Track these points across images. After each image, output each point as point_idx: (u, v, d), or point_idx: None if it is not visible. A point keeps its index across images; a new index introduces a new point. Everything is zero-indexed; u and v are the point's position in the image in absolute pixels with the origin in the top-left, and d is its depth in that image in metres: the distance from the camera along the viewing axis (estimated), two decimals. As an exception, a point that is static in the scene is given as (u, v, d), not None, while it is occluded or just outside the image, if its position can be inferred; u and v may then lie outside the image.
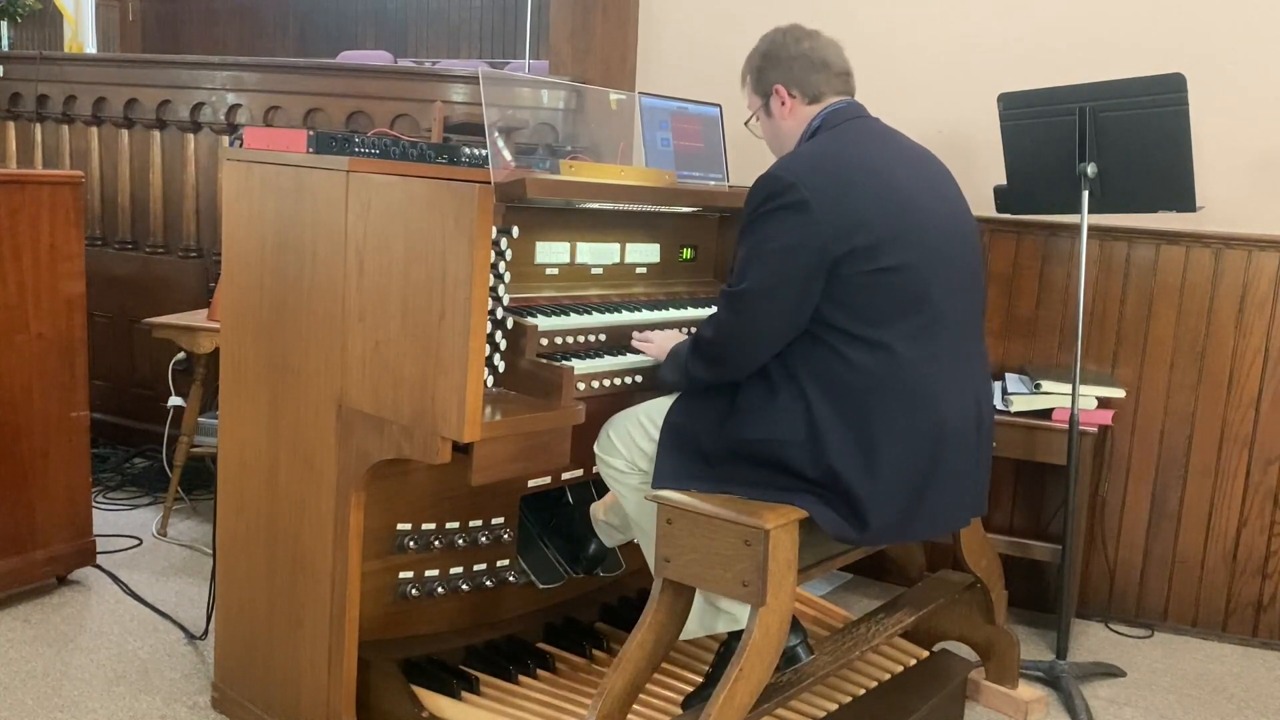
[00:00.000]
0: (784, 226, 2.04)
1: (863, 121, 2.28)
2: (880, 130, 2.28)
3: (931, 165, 2.29)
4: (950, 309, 2.15)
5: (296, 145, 2.26)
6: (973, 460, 2.21)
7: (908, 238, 2.08)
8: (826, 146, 2.21)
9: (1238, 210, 3.16)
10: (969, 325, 2.25)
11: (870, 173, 2.12)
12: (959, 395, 2.16)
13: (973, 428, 2.20)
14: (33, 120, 4.46)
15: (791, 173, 2.07)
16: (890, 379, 2.04)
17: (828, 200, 2.03)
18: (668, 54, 3.88)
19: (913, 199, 2.13)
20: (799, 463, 2.03)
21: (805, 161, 2.14)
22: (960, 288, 2.19)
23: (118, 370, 4.41)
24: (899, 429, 2.04)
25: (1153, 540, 3.36)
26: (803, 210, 2.02)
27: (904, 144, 2.28)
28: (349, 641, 2.20)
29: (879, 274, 2.04)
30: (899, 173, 2.16)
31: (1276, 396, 3.20)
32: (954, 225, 2.22)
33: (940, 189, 2.25)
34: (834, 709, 2.38)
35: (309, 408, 2.23)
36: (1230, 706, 2.91)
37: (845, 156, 2.15)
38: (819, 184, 2.05)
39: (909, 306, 2.08)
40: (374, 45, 9.51)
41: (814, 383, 2.05)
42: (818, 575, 2.19)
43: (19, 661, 2.70)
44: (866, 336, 2.04)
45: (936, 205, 2.19)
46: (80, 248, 3.01)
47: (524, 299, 2.37)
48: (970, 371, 2.23)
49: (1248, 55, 3.12)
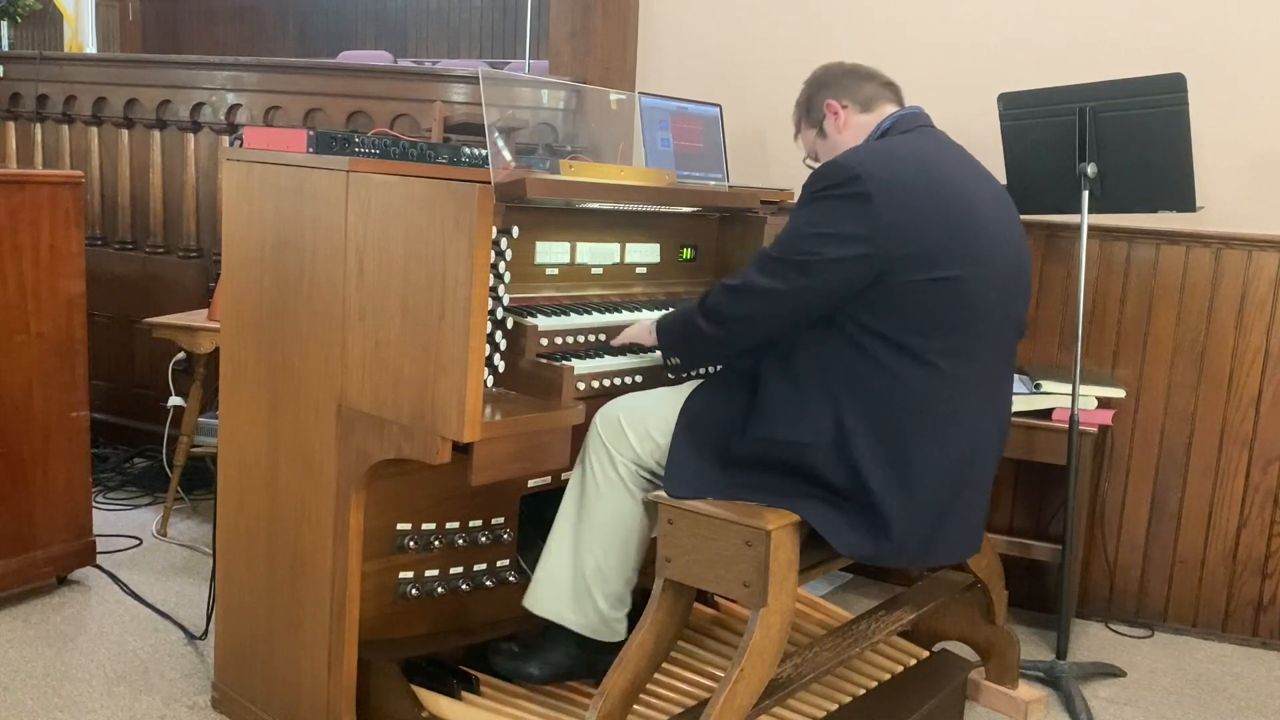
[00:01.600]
0: (841, 214, 1.98)
1: (931, 130, 2.23)
2: (947, 141, 2.22)
3: (995, 185, 2.22)
4: (993, 330, 2.10)
5: (296, 145, 2.26)
6: (983, 488, 2.19)
7: (966, 250, 2.02)
8: (895, 145, 2.15)
9: (1238, 210, 3.16)
10: (1008, 347, 2.20)
11: (936, 178, 2.05)
12: (989, 420, 2.12)
13: (990, 455, 2.17)
14: (33, 120, 4.46)
15: (859, 163, 2.00)
16: (927, 395, 2.00)
17: (891, 198, 1.97)
18: (668, 54, 3.88)
19: (977, 211, 2.07)
20: (824, 468, 1.99)
21: (872, 155, 2.07)
22: (1005, 310, 2.14)
23: (118, 370, 4.41)
24: (934, 451, 2.00)
25: (1153, 540, 3.36)
26: (864, 202, 1.96)
27: (969, 159, 2.22)
28: (349, 641, 2.21)
29: (932, 284, 1.98)
30: (967, 183, 2.10)
31: (1276, 396, 3.20)
32: (1011, 248, 2.15)
33: (1003, 206, 2.19)
34: (834, 709, 2.38)
35: (309, 408, 2.23)
36: (1230, 706, 2.91)
37: (913, 158, 2.08)
38: (884, 179, 1.98)
39: (956, 322, 2.02)
40: (374, 45, 9.51)
41: (847, 390, 2.00)
42: (818, 575, 2.19)
43: (19, 661, 2.70)
44: (907, 346, 1.98)
45: (997, 222, 2.12)
46: (80, 248, 3.01)
47: (524, 299, 2.37)
48: (1001, 395, 2.19)
49: (1248, 55, 3.12)
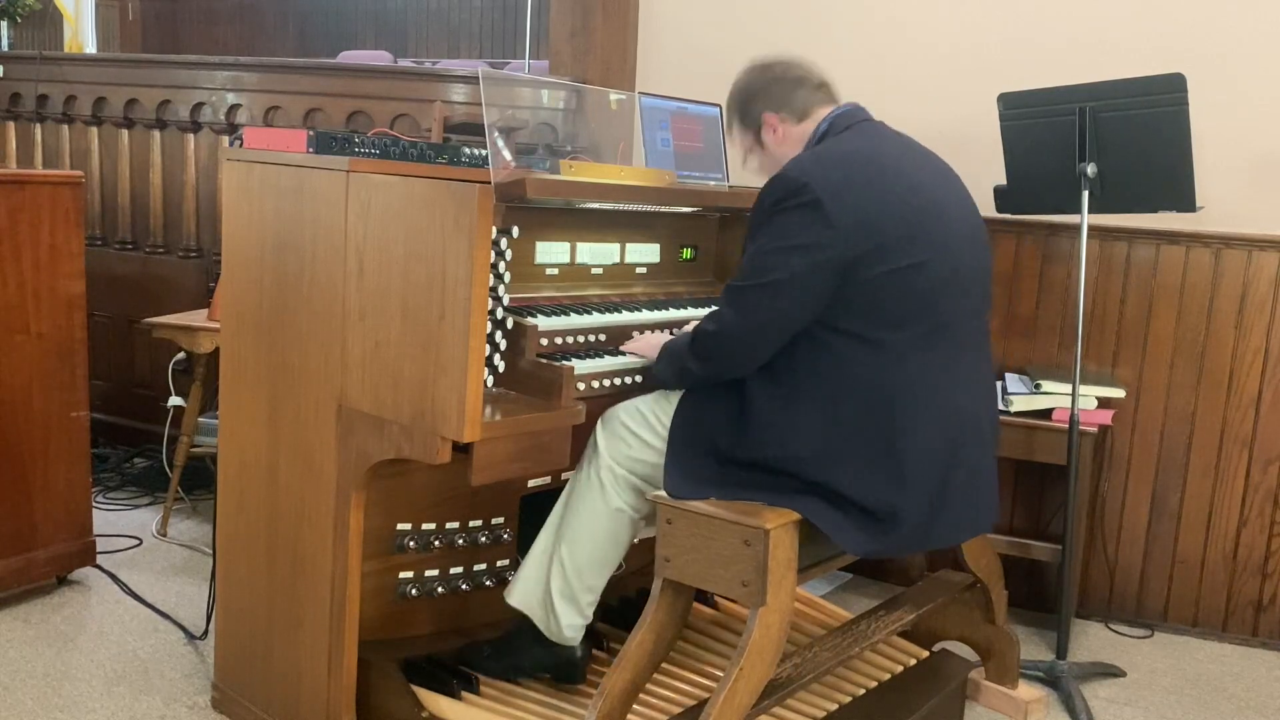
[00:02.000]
0: (796, 226, 2.00)
1: (870, 124, 2.26)
2: (888, 132, 2.26)
3: (941, 166, 2.26)
4: (960, 312, 2.12)
5: (296, 145, 2.26)
6: (980, 467, 2.19)
7: (923, 237, 2.05)
8: (836, 147, 2.18)
9: (1238, 210, 3.16)
10: (978, 329, 2.22)
11: (882, 171, 2.09)
12: (971, 398, 2.14)
13: (979, 434, 2.17)
14: (33, 120, 4.46)
15: (804, 173, 2.03)
16: (908, 388, 2.01)
17: (841, 200, 2.00)
18: (668, 54, 3.87)
19: (927, 197, 2.10)
20: (817, 474, 2.00)
21: (816, 161, 2.10)
22: (969, 293, 2.16)
23: (118, 370, 4.41)
24: (918, 439, 2.01)
25: (1153, 540, 3.36)
26: (816, 209, 1.99)
27: (912, 145, 2.26)
28: (349, 641, 2.20)
29: (894, 274, 2.01)
30: (914, 172, 2.14)
31: (1276, 396, 3.20)
32: (966, 226, 2.19)
33: (953, 189, 2.22)
34: (834, 708, 2.38)
35: (309, 408, 2.23)
36: (1230, 706, 2.91)
37: (856, 156, 2.11)
38: (831, 183, 2.01)
39: (922, 308, 2.04)
40: (374, 45, 9.51)
41: (831, 394, 2.01)
42: (817, 575, 2.19)
43: (19, 661, 2.70)
44: (882, 341, 2.01)
45: (950, 205, 2.16)
46: (80, 248, 3.01)
47: (524, 299, 2.37)
48: (978, 376, 2.20)
49: (1248, 55, 3.12)
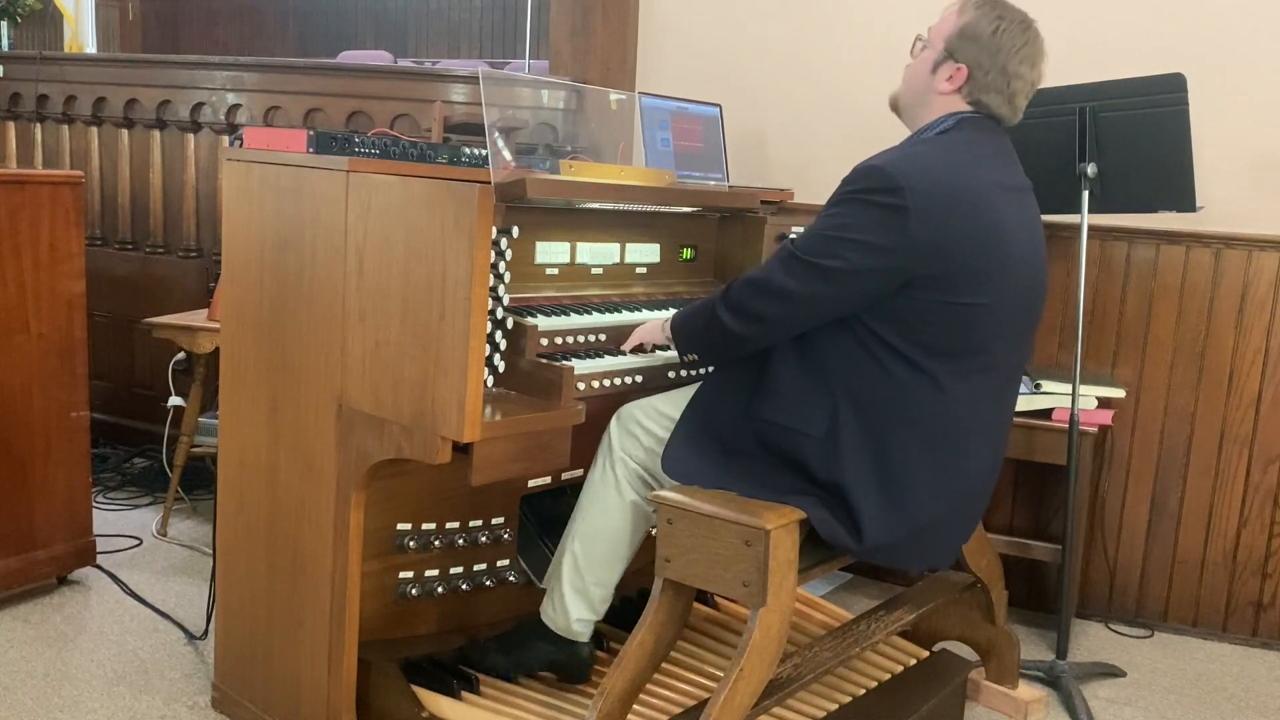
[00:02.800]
0: (875, 222, 1.94)
1: (989, 135, 2.14)
2: (1001, 150, 2.15)
3: (1030, 201, 2.18)
4: (1006, 356, 2.09)
5: (296, 145, 2.26)
6: (976, 514, 2.19)
7: (991, 278, 2.00)
8: (944, 159, 2.06)
9: (1238, 210, 3.16)
10: (1016, 372, 2.19)
11: (977, 199, 2.00)
12: (988, 442, 2.12)
13: (990, 474, 2.17)
14: (33, 120, 4.46)
15: (902, 175, 1.95)
16: (927, 409, 1.99)
17: (927, 215, 1.93)
18: (668, 54, 3.87)
19: (1009, 240, 2.04)
20: (813, 460, 2.00)
21: (918, 166, 2.00)
22: (1022, 335, 2.14)
23: (118, 370, 4.41)
24: (924, 462, 2.00)
25: (1153, 540, 3.36)
26: (899, 215, 1.93)
27: (1015, 172, 2.17)
28: (349, 641, 2.20)
29: (954, 307, 1.97)
30: (1005, 210, 2.06)
31: (1276, 396, 3.20)
32: (1033, 271, 2.13)
33: (1032, 230, 2.15)
34: (834, 708, 2.38)
35: (309, 408, 2.23)
36: (1230, 706, 2.91)
37: (959, 179, 2.01)
38: (924, 195, 1.93)
39: (971, 347, 2.01)
40: (374, 45, 9.51)
41: (845, 388, 2.00)
42: (818, 575, 2.19)
43: (19, 661, 2.70)
44: (917, 361, 1.98)
45: (1025, 248, 2.09)
46: (80, 248, 3.01)
47: (524, 299, 2.37)
48: (1005, 415, 2.18)
49: (1248, 55, 3.12)
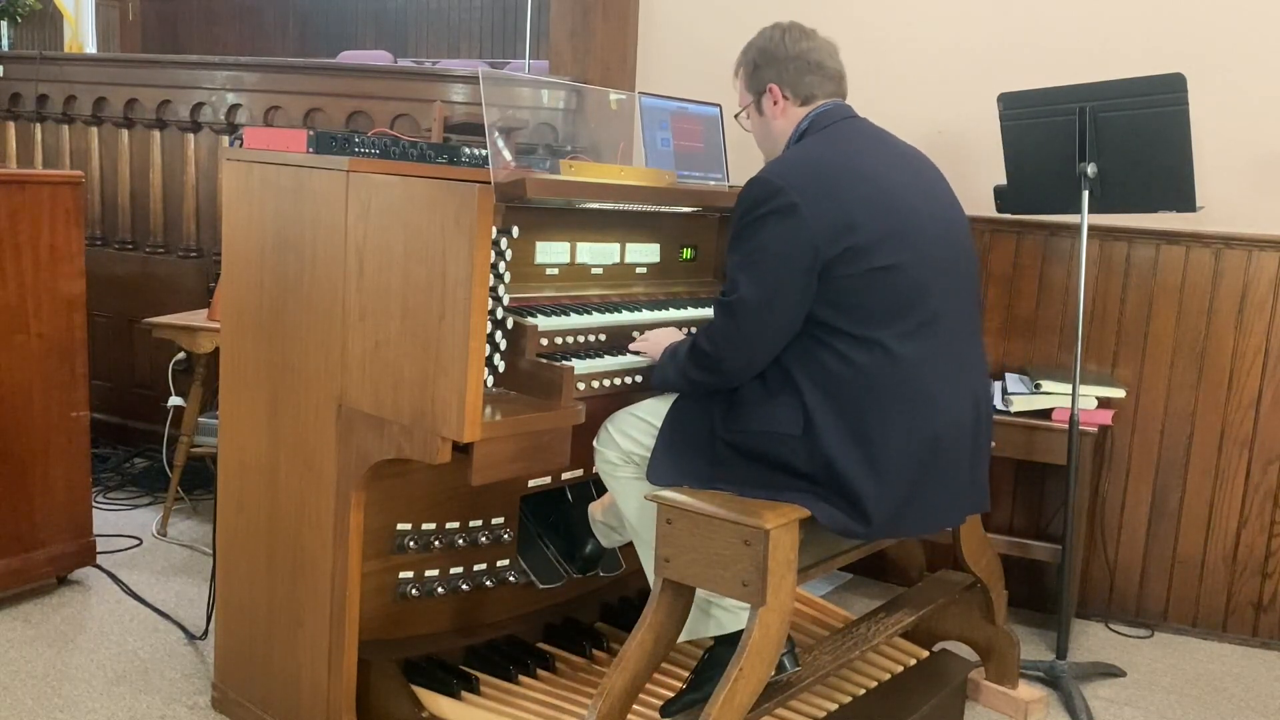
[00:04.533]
0: (775, 232, 2.05)
1: (850, 122, 2.28)
2: (869, 130, 2.28)
3: (922, 165, 2.29)
4: (945, 309, 2.15)
5: (296, 145, 2.26)
6: (969, 459, 2.22)
7: (899, 238, 2.08)
8: (813, 149, 2.22)
9: (1238, 210, 3.16)
10: (965, 325, 2.25)
11: (858, 174, 2.12)
12: (956, 394, 2.16)
13: (969, 427, 2.20)
14: (33, 120, 4.46)
15: (779, 176, 2.08)
16: (886, 378, 2.05)
17: (816, 203, 2.04)
18: (668, 54, 3.87)
19: (903, 199, 2.14)
20: (796, 458, 2.04)
21: (792, 165, 2.15)
22: (954, 288, 2.19)
23: (118, 370, 4.41)
24: (896, 427, 2.05)
25: (1153, 540, 3.36)
26: (792, 214, 2.03)
27: (894, 144, 2.28)
28: (349, 641, 2.20)
29: (871, 274, 2.05)
30: (889, 173, 2.17)
31: (1276, 396, 3.20)
32: (946, 225, 2.22)
33: (931, 188, 2.25)
34: (834, 709, 2.38)
35: (309, 408, 2.23)
36: (1230, 706, 2.91)
37: (833, 158, 2.16)
38: (807, 187, 2.05)
39: (903, 306, 2.08)
40: (374, 45, 9.50)
41: (810, 381, 2.06)
42: (818, 575, 2.19)
43: (19, 661, 2.70)
44: (861, 335, 2.05)
45: (927, 205, 2.19)
46: (80, 248, 3.01)
47: (524, 299, 2.37)
48: (967, 371, 2.23)
49: (1248, 55, 3.12)
